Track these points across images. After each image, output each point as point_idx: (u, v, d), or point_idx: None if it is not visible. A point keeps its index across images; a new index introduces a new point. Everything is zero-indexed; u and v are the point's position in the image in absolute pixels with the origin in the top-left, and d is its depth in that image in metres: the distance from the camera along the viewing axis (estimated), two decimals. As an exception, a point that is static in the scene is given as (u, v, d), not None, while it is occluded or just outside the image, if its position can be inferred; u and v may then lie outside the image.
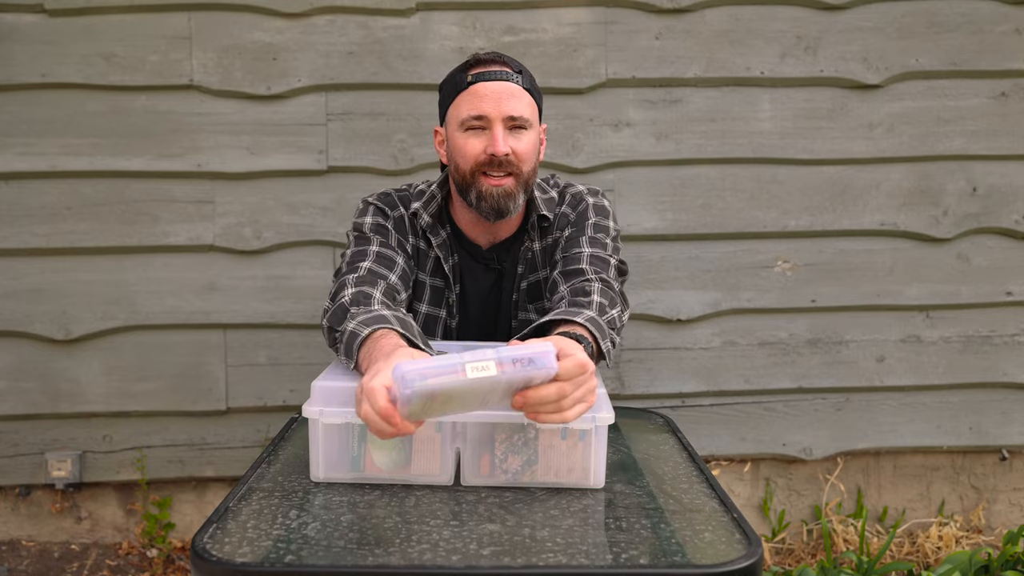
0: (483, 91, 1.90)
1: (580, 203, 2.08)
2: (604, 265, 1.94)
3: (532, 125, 1.94)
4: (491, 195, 1.92)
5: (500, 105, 1.89)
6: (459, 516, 1.34)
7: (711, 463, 3.03)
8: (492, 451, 1.46)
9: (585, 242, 1.98)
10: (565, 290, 1.87)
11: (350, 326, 1.65)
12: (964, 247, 2.99)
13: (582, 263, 1.93)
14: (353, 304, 1.75)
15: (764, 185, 2.95)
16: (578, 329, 1.65)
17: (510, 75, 1.91)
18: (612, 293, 1.86)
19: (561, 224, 2.07)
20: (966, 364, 3.02)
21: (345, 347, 1.65)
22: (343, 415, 1.44)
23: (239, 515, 1.35)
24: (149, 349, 2.88)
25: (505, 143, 1.89)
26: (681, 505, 1.44)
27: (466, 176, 1.94)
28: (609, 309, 1.80)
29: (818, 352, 3.00)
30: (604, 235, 2.02)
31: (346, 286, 1.82)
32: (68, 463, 2.86)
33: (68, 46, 2.79)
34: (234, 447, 2.93)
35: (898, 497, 3.09)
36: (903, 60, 2.94)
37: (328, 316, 1.77)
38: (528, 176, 1.95)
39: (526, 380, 1.28)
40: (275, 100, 2.85)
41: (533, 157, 1.96)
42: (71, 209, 2.83)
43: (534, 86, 1.98)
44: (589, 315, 1.72)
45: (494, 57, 1.94)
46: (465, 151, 1.93)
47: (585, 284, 1.86)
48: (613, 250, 2.01)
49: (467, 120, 1.91)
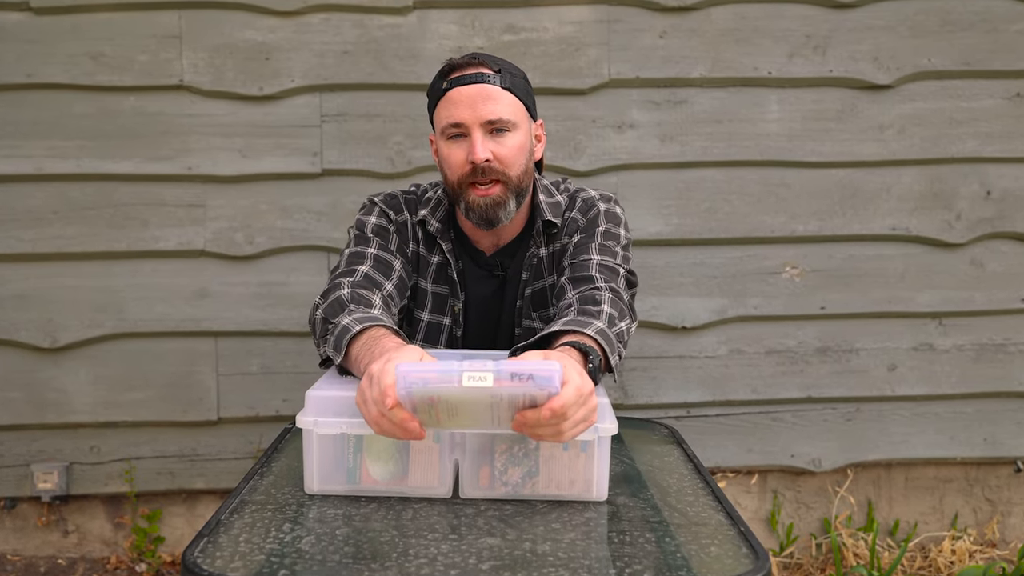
0: (457, 97, 1.90)
1: (591, 208, 2.06)
2: (613, 275, 1.93)
3: (517, 126, 1.92)
4: (478, 206, 1.92)
5: (476, 110, 1.88)
6: (458, 530, 1.34)
7: (717, 475, 3.03)
8: (492, 462, 1.46)
9: (595, 249, 1.97)
10: (574, 297, 1.85)
11: (345, 320, 1.66)
12: (978, 252, 3.00)
13: (591, 270, 1.92)
14: (352, 301, 1.76)
15: (772, 188, 2.95)
16: (587, 340, 1.64)
17: (486, 76, 1.90)
18: (622, 304, 1.85)
19: (570, 230, 2.06)
20: (980, 373, 3.02)
21: (335, 339, 1.65)
22: (338, 425, 1.44)
23: (231, 529, 1.35)
24: (138, 357, 2.88)
25: (484, 149, 1.88)
26: (686, 518, 1.44)
27: (454, 187, 1.95)
28: (618, 321, 1.79)
29: (827, 361, 3.00)
30: (615, 243, 2.00)
31: (342, 286, 1.82)
32: (54, 475, 2.86)
33: (54, 45, 2.80)
34: (226, 458, 2.93)
35: (910, 510, 3.09)
36: (915, 60, 2.94)
37: (323, 308, 1.77)
38: (519, 180, 1.94)
39: (528, 398, 1.28)
40: (268, 101, 2.85)
41: (521, 159, 1.94)
42: (57, 213, 2.83)
43: (517, 84, 1.95)
44: (599, 327, 1.70)
45: (469, 60, 1.93)
46: (450, 161, 1.93)
47: (595, 293, 1.84)
48: (623, 259, 1.99)
49: (446, 128, 1.91)
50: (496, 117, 1.89)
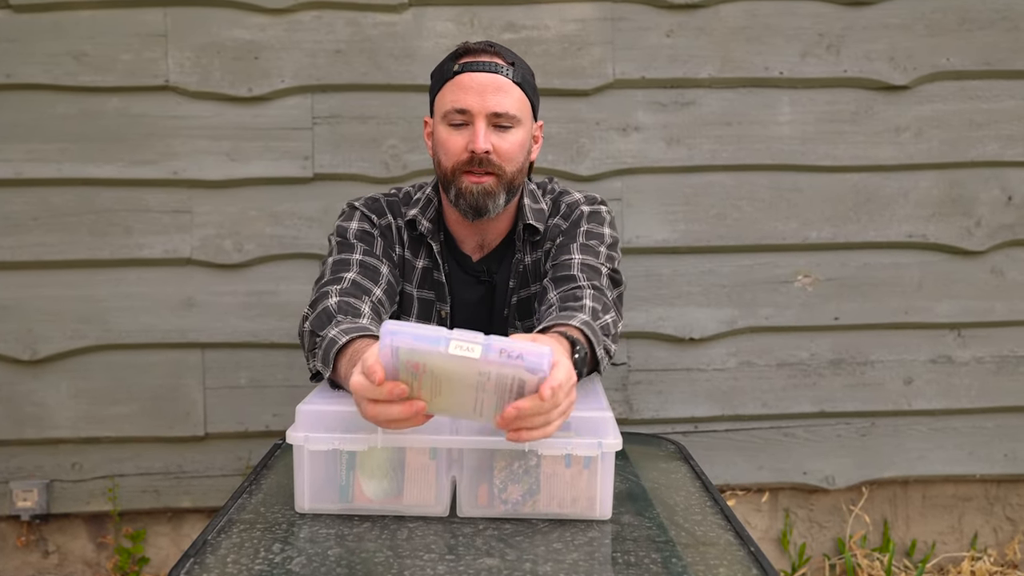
0: (468, 83, 1.90)
1: (573, 211, 2.08)
2: (595, 273, 1.94)
3: (521, 123, 1.94)
4: (470, 192, 1.93)
5: (484, 99, 1.89)
6: (455, 550, 1.34)
7: (726, 493, 3.03)
8: (491, 480, 1.46)
9: (576, 249, 1.99)
10: (555, 297, 1.87)
11: (332, 332, 1.67)
12: (998, 260, 3.00)
13: (573, 270, 1.93)
14: (340, 312, 1.76)
15: (783, 194, 2.96)
16: (572, 332, 1.65)
17: (500, 67, 1.91)
18: (605, 299, 1.87)
19: (552, 235, 2.08)
20: (1000, 386, 3.02)
21: (323, 353, 1.66)
22: (330, 441, 1.44)
23: (218, 549, 1.36)
24: (122, 370, 2.88)
25: (486, 140, 1.89)
26: (694, 538, 1.44)
27: (447, 173, 1.95)
28: (602, 315, 1.81)
29: (841, 373, 3.00)
30: (598, 242, 2.02)
31: (330, 295, 1.83)
32: (34, 493, 2.85)
33: (34, 44, 2.80)
34: (213, 475, 2.93)
35: (927, 529, 3.09)
36: (933, 59, 2.95)
37: (311, 320, 1.78)
38: (513, 177, 1.95)
39: (517, 382, 1.28)
40: (257, 102, 2.86)
41: (519, 158, 1.96)
42: (38, 220, 2.83)
43: (527, 80, 1.97)
44: (583, 319, 1.73)
45: (484, 47, 1.95)
46: (447, 146, 1.94)
47: (576, 290, 1.86)
48: (607, 258, 2.00)
49: (450, 113, 1.92)
50: (503, 110, 1.90)
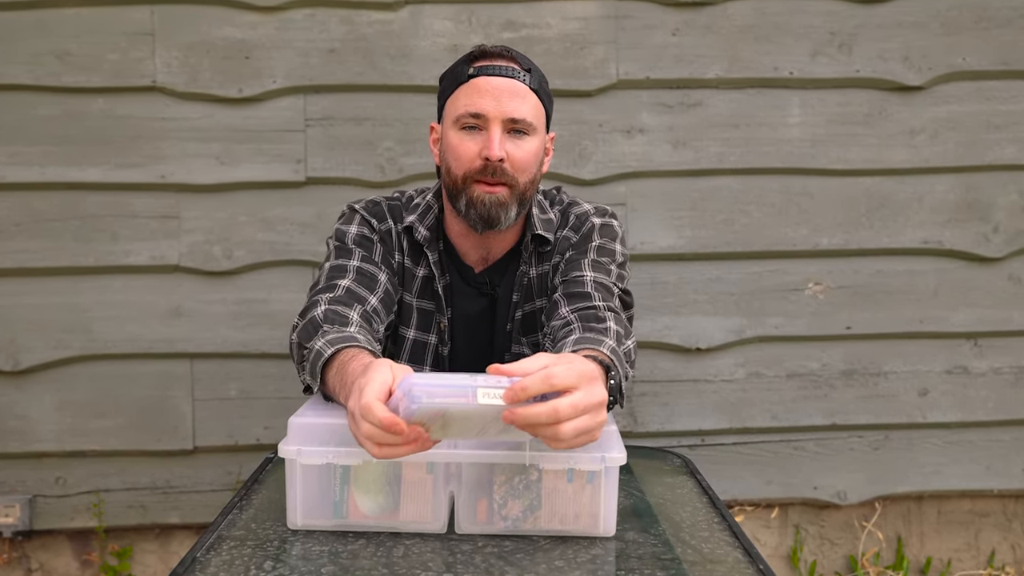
0: (484, 86, 1.90)
1: (584, 224, 2.07)
2: (608, 294, 1.93)
3: (536, 131, 1.94)
4: (481, 202, 1.92)
5: (501, 104, 1.89)
6: (453, 568, 1.35)
7: (734, 508, 3.03)
8: (490, 495, 1.46)
9: (587, 265, 1.98)
10: (572, 315, 1.84)
11: (318, 344, 1.66)
12: (1017, 267, 3.00)
13: (587, 287, 1.92)
14: (326, 321, 1.75)
15: (793, 198, 2.96)
16: (604, 358, 1.62)
17: (517, 72, 1.91)
18: (625, 323, 1.85)
19: (562, 248, 2.07)
20: (1019, 398, 3.03)
21: (311, 366, 1.66)
22: (324, 455, 1.44)
23: (207, 566, 1.36)
24: (107, 381, 2.88)
25: (501, 147, 1.88)
26: (701, 555, 1.44)
27: (457, 181, 1.94)
28: (625, 339, 1.79)
29: (853, 385, 3.00)
30: (609, 260, 2.01)
31: (319, 304, 1.83)
32: (16, 508, 2.85)
33: (16, 43, 2.80)
34: (202, 490, 2.93)
35: (943, 546, 3.09)
36: (948, 59, 2.95)
37: (298, 331, 1.78)
38: (525, 188, 1.95)
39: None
40: (248, 103, 2.86)
41: (533, 168, 1.95)
42: (20, 226, 2.84)
43: (544, 88, 1.98)
44: (611, 345, 1.70)
45: (502, 51, 1.95)
46: (459, 152, 1.93)
47: (594, 310, 1.84)
48: (618, 277, 2.00)
49: (463, 117, 1.91)
50: (520, 117, 1.90)
